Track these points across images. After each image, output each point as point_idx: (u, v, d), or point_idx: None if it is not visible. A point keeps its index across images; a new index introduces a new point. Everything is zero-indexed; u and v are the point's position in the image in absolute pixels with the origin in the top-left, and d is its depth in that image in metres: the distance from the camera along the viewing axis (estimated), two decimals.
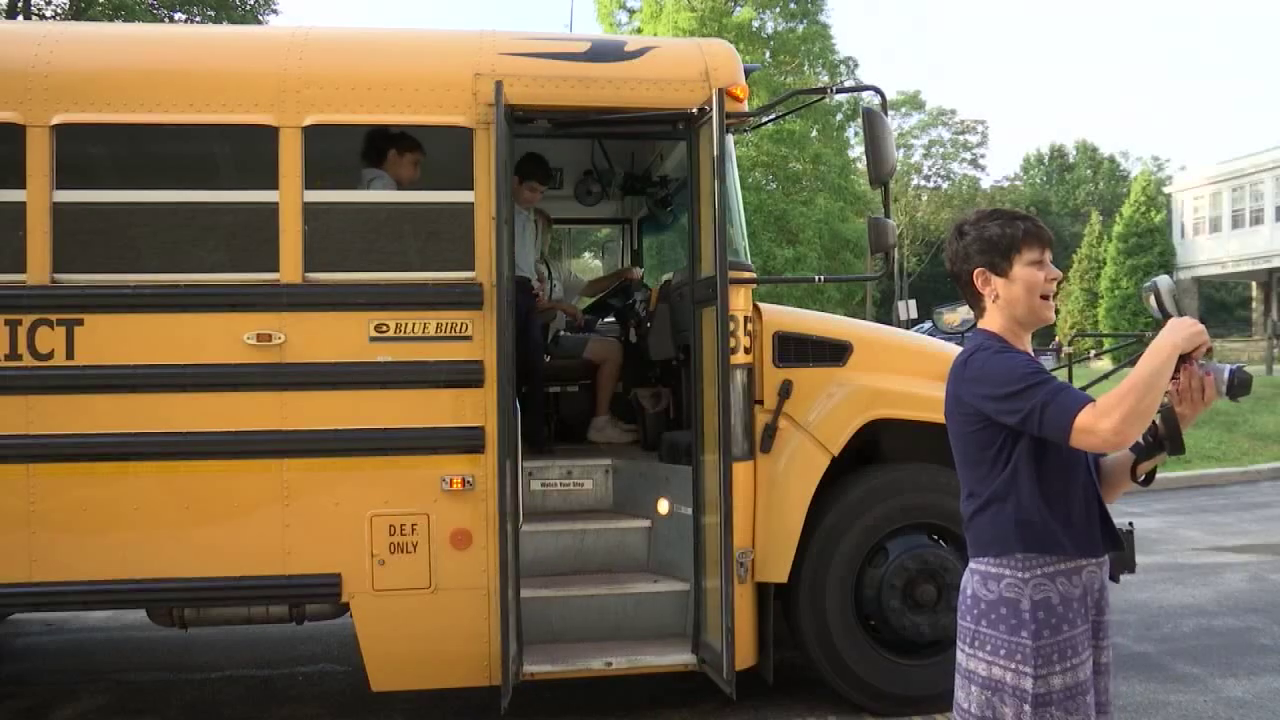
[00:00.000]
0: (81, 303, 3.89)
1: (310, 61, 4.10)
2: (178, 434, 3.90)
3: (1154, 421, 2.08)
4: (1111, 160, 56.49)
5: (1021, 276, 2.20)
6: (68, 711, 4.63)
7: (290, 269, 3.95)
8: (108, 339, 3.89)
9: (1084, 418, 1.98)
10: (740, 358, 4.17)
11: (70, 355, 3.86)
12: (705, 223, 4.20)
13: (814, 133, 28.11)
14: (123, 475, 3.89)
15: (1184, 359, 1.97)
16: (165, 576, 3.93)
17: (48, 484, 3.87)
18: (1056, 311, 2.45)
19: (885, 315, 32.19)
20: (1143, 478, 2.24)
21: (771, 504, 4.20)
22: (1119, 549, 2.26)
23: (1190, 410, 2.03)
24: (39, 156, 3.86)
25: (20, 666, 5.43)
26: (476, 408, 4.02)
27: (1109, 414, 1.95)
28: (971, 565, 2.23)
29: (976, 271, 2.24)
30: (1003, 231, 2.21)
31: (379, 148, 4.53)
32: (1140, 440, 2.15)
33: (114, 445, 3.89)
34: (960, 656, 2.22)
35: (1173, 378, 1.98)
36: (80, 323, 3.88)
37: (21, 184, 3.85)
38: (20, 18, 18.09)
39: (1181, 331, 1.96)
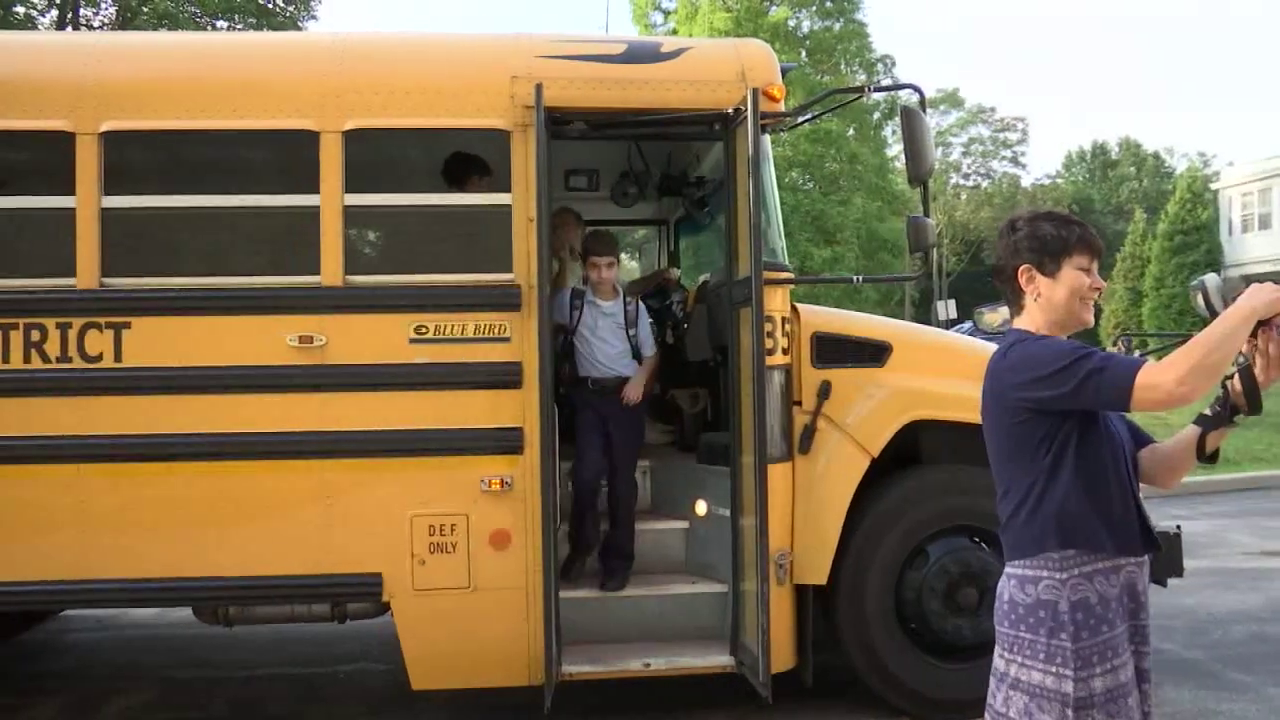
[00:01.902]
0: (129, 306, 3.96)
1: (349, 67, 4.15)
2: (222, 435, 3.97)
3: (1224, 388, 2.05)
4: (1156, 157, 55.37)
5: (1067, 279, 2.19)
6: (115, 707, 4.72)
7: (331, 272, 4.00)
8: (154, 341, 3.96)
9: (1146, 374, 1.96)
10: (778, 358, 4.15)
11: (118, 358, 3.94)
12: (742, 223, 4.19)
13: (851, 132, 27.93)
14: (169, 475, 3.96)
15: (1263, 325, 1.95)
16: (211, 575, 3.99)
17: (97, 483, 3.94)
18: (1099, 312, 2.42)
19: (924, 315, 31.85)
20: (1209, 453, 2.17)
21: (810, 505, 4.18)
22: (1158, 550, 2.23)
23: (1264, 376, 1.99)
24: (88, 163, 3.94)
25: (69, 662, 5.55)
26: (515, 409, 4.04)
27: (1173, 367, 1.93)
28: (1008, 570, 2.20)
29: (1023, 268, 2.22)
30: (1057, 233, 2.20)
31: (458, 172, 4.57)
32: (1207, 411, 2.12)
33: (160, 445, 3.96)
34: (999, 663, 2.19)
35: (1250, 340, 1.95)
36: (128, 326, 3.95)
37: (71, 190, 3.94)
38: (70, 29, 18.50)
39: (1262, 296, 1.93)
